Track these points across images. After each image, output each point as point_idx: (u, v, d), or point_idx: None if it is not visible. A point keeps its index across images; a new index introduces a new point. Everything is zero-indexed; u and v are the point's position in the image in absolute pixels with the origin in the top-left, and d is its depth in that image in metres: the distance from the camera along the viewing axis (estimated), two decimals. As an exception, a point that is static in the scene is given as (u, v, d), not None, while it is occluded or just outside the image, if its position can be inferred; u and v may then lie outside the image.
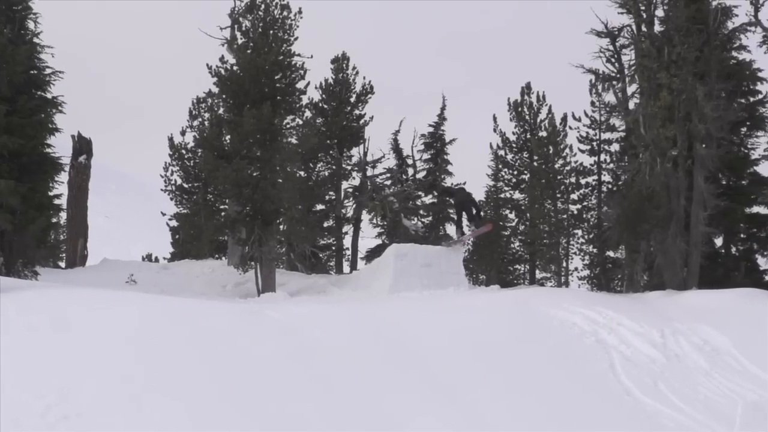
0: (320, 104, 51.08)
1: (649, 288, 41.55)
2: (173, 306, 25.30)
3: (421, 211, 52.19)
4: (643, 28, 43.95)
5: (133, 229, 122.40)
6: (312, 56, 40.33)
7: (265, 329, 24.21)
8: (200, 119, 51.23)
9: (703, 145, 41.97)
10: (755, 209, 47.00)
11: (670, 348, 27.03)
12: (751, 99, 47.20)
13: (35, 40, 37.51)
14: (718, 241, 47.84)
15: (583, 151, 49.12)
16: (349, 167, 51.41)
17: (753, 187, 45.82)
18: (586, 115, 49.06)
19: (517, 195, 50.61)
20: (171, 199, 53.90)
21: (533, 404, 21.37)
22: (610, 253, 47.69)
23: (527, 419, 20.30)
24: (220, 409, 17.71)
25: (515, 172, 50.96)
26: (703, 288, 39.19)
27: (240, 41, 39.48)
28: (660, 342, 27.43)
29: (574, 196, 48.56)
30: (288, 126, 39.77)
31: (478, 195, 51.85)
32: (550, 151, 48.45)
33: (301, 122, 40.75)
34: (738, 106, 44.45)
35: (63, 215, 47.95)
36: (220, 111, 41.00)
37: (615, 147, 48.78)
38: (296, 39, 39.28)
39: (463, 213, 38.94)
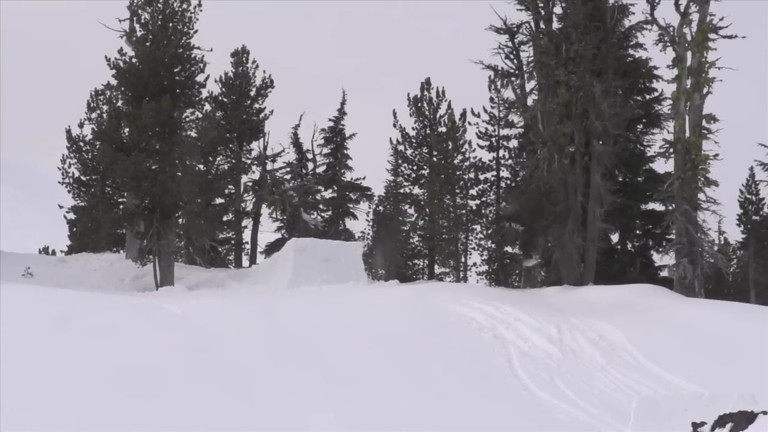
0: (220, 97, 50.55)
1: (547, 283, 41.91)
2: (69, 299, 24.79)
3: (321, 206, 51.96)
4: (542, 25, 44.36)
5: (29, 222, 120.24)
6: (212, 49, 39.85)
7: (163, 323, 23.86)
8: (99, 111, 50.29)
9: (600, 142, 42.45)
10: (651, 206, 47.69)
11: (567, 343, 27.23)
12: (647, 96, 47.89)
13: None
14: (615, 237, 48.46)
15: (482, 147, 49.34)
16: (248, 161, 51.00)
17: (649, 184, 46.43)
18: (486, 111, 49.28)
19: (416, 190, 50.55)
20: (69, 191, 52.88)
21: (432, 399, 21.33)
22: (509, 249, 47.97)
23: (425, 414, 20.24)
24: (114, 403, 17.34)
25: (415, 168, 50.94)
26: (599, 283, 39.63)
27: (139, 33, 38.83)
28: (557, 337, 27.62)
29: (473, 192, 48.70)
30: (187, 119, 39.24)
31: (378, 190, 51.90)
32: (450, 147, 48.49)
33: (200, 115, 40.25)
34: (634, 104, 45.03)
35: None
36: (119, 103, 40.29)
37: (513, 143, 49.06)
38: (196, 32, 38.75)
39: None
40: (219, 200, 50.65)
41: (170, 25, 38.21)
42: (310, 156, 52.33)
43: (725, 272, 43.07)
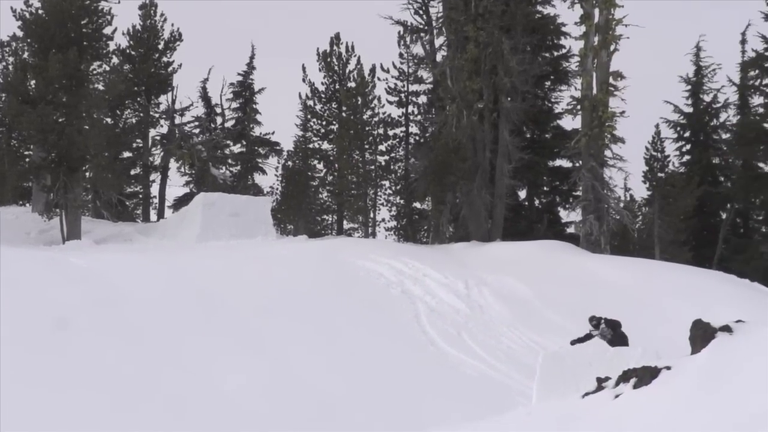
0: (128, 51, 49.66)
1: (455, 239, 42.00)
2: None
3: (230, 161, 51.63)
4: (451, -20, 44.13)
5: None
6: (119, 1, 39.25)
7: (70, 277, 23.43)
8: (4, 63, 49.09)
9: (509, 99, 42.53)
10: (558, 162, 48.06)
11: (474, 299, 27.36)
12: (555, 53, 48.14)
13: None
14: (522, 194, 48.81)
15: (391, 103, 49.15)
16: (156, 115, 50.36)
17: (556, 140, 46.76)
18: (395, 66, 49.11)
19: (325, 145, 50.32)
20: (-27, 144, 51.78)
21: (341, 355, 21.28)
22: (417, 204, 48.03)
23: (335, 371, 20.18)
24: (18, 356, 16.95)
25: (324, 123, 50.63)
26: (507, 239, 39.87)
27: (46, -16, 38.05)
28: (464, 293, 27.75)
29: (382, 148, 48.55)
30: (95, 72, 38.74)
31: (287, 145, 51.57)
32: (359, 102, 48.27)
33: (108, 68, 39.61)
34: (542, 60, 45.23)
35: None
36: (25, 55, 39.56)
37: (422, 99, 49.00)
38: (104, -17, 38.19)
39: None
40: (126, 154, 49.96)
41: (77, -24, 37.39)
42: (218, 110, 51.96)
43: (631, 229, 43.53)
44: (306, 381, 19.21)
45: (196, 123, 51.21)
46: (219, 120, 51.94)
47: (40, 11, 37.15)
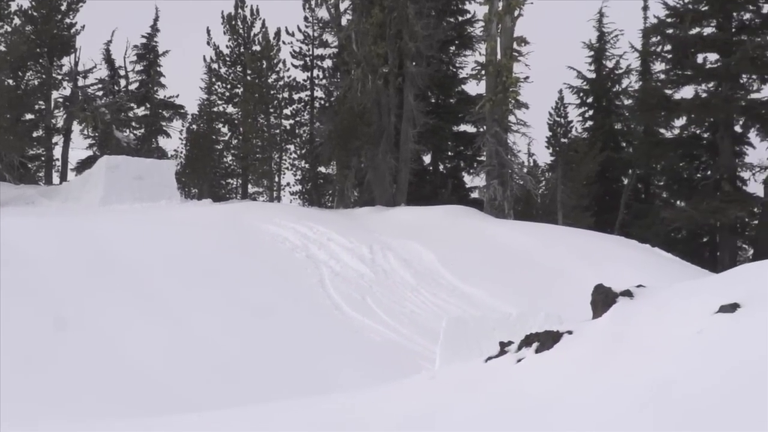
0: (30, 11, 48.56)
1: (360, 204, 42.03)
2: None
3: (134, 123, 50.91)
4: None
5: None
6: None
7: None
8: None
9: (413, 63, 42.53)
10: (462, 128, 48.28)
11: (379, 263, 27.39)
12: (460, 18, 48.25)
13: None
14: (427, 159, 48.96)
15: (296, 67, 48.91)
16: (59, 77, 49.30)
17: (460, 105, 46.94)
18: (300, 30, 48.77)
19: (230, 109, 49.79)
20: None
21: (246, 318, 21.18)
22: (322, 169, 47.92)
23: (238, 334, 20.08)
24: None
25: (229, 86, 50.10)
26: (411, 204, 39.96)
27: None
28: (369, 257, 27.75)
29: (287, 111, 48.31)
30: (-4, 33, 37.82)
31: (191, 108, 51.02)
32: (264, 66, 47.87)
33: (9, 29, 38.72)
34: (447, 25, 45.28)
35: None
36: None
37: (328, 63, 48.83)
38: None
39: None
40: (29, 116, 48.86)
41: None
42: (122, 73, 51.09)
43: (534, 194, 43.95)
44: (209, 344, 19.11)
45: (100, 85, 50.32)
46: (123, 83, 51.12)
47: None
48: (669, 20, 44.24)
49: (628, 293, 10.64)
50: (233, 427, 11.95)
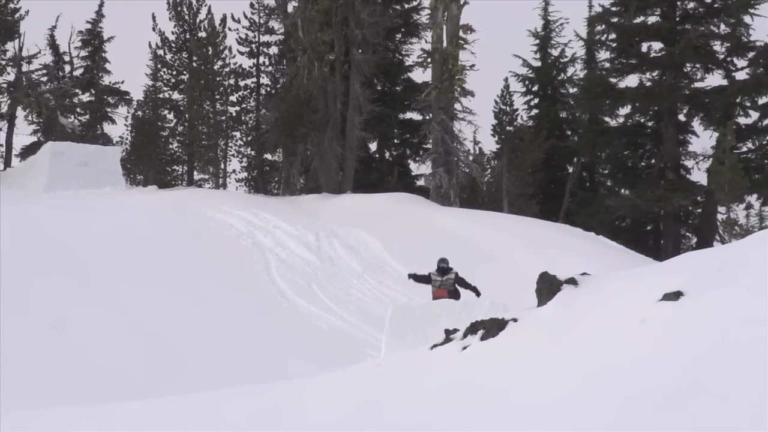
0: (-28, -4, 48.10)
1: (306, 191, 41.97)
2: None
3: (79, 110, 50.44)
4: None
5: None
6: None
7: None
8: None
9: (360, 51, 42.47)
10: (408, 115, 48.29)
11: (325, 251, 27.38)
12: (406, 5, 48.20)
13: None
14: (373, 146, 48.91)
15: (242, 53, 48.64)
16: (3, 62, 48.78)
17: (407, 93, 46.96)
18: (246, 17, 48.57)
19: (176, 95, 49.51)
20: None
21: (191, 305, 21.07)
22: (268, 156, 47.75)
23: (184, 321, 19.98)
24: None
25: (174, 73, 49.76)
26: (357, 191, 39.97)
27: None
28: (315, 245, 27.73)
29: (233, 98, 48.06)
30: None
31: (137, 95, 50.58)
32: (210, 52, 47.60)
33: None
34: (393, 13, 45.22)
35: None
36: None
37: (274, 50, 48.63)
38: None
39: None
40: (-28, 101, 48.32)
41: None
42: (67, 59, 50.59)
43: (480, 182, 44.14)
44: (154, 332, 19.00)
45: (44, 71, 49.84)
46: (67, 68, 50.65)
47: None
48: (614, 9, 44.58)
49: (572, 281, 10.69)
50: (178, 414, 11.90)
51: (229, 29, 48.36)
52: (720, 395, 6.91)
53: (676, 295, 9.33)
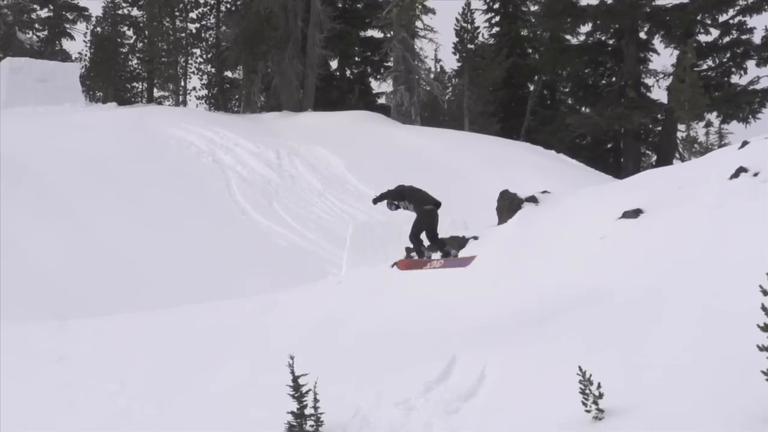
0: None
1: (266, 109, 41.71)
2: None
3: (37, 25, 49.63)
4: None
5: None
6: None
7: None
8: None
9: (321, -33, 41.99)
10: (369, 33, 47.85)
11: (286, 169, 27.30)
12: None
13: None
14: (334, 64, 48.57)
15: (202, -31, 48.01)
16: (-42, -22, 47.98)
17: (368, 10, 46.50)
18: (205, -70, 47.81)
19: (135, 12, 48.90)
20: None
21: (152, 223, 21.01)
22: (228, 73, 47.39)
23: (144, 238, 19.93)
24: None
25: (133, -12, 49.21)
26: (318, 110, 39.74)
27: None
28: (276, 162, 27.63)
29: (192, 15, 47.48)
30: None
31: (96, 11, 49.84)
32: (169, -33, 47.01)
33: None
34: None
35: None
36: None
37: (234, -35, 47.94)
38: None
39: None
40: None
41: None
42: (24, -27, 49.64)
43: (441, 100, 43.96)
44: (114, 250, 18.95)
45: (1, -14, 48.99)
46: (27, -17, 49.78)
47: None
48: (577, -77, 44.18)
49: (533, 199, 10.75)
50: (138, 330, 11.94)
51: (190, -56, 47.66)
52: (673, 304, 7.03)
53: (635, 213, 9.43)
